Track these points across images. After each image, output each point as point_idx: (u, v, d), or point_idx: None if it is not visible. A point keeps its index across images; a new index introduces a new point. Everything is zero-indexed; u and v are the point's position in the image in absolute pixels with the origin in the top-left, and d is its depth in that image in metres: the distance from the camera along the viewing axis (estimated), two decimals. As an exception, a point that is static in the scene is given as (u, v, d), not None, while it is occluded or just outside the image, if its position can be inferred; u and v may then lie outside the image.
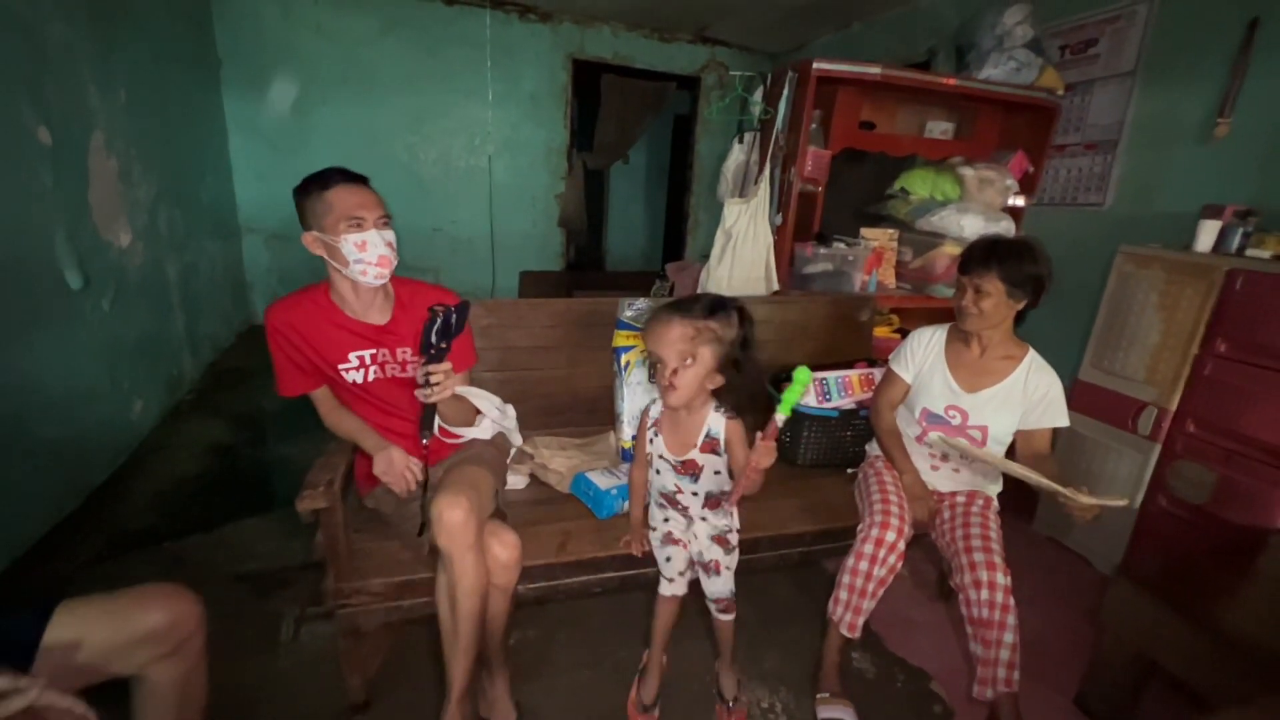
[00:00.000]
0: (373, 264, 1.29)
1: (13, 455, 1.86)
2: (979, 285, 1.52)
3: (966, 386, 1.63)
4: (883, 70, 2.20)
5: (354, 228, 1.26)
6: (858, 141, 2.50)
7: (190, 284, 3.29)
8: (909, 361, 1.73)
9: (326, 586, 1.34)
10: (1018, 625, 1.37)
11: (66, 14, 2.24)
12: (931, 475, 1.70)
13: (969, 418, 1.62)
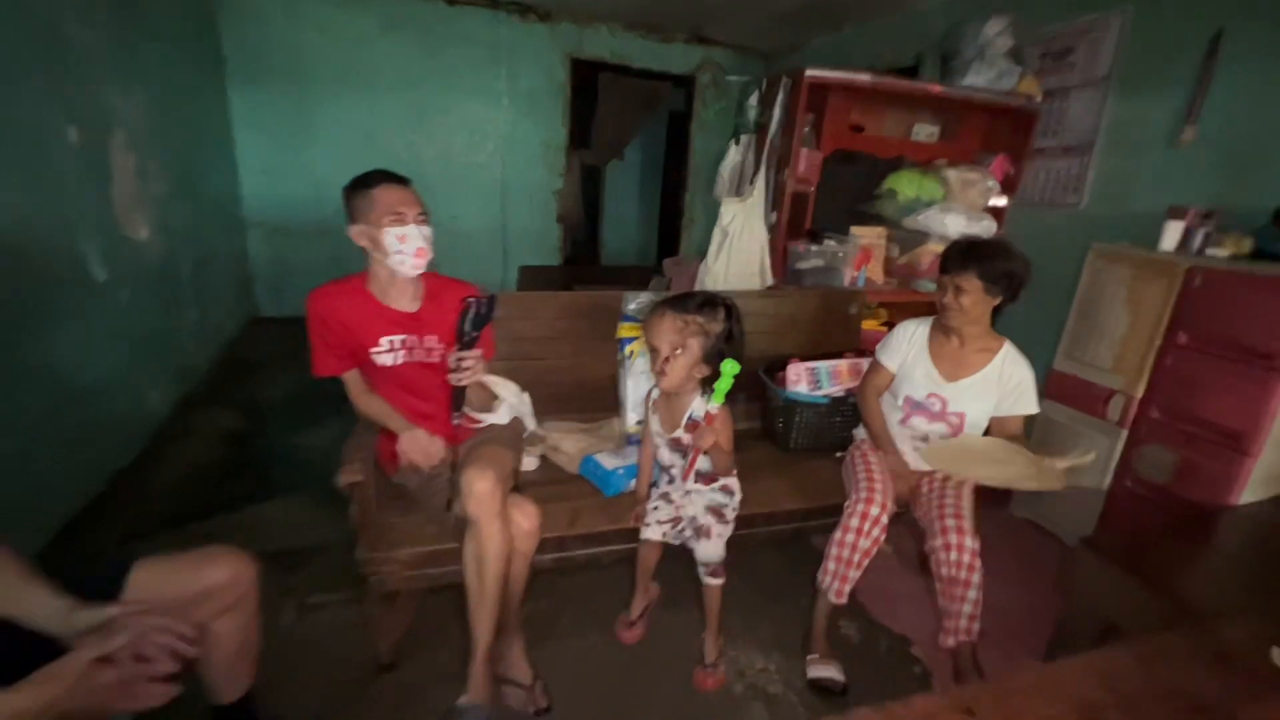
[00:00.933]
0: (411, 255, 1.42)
1: (44, 440, 1.95)
2: (959, 284, 1.65)
3: (947, 376, 1.77)
4: (872, 77, 2.32)
5: (396, 222, 1.39)
6: (848, 144, 2.63)
7: (200, 277, 3.38)
8: (894, 352, 1.87)
9: (357, 555, 1.45)
10: (981, 584, 1.51)
11: (91, 19, 2.32)
12: (913, 455, 1.84)
13: (948, 404, 1.76)
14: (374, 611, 1.53)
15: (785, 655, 1.73)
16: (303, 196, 4.35)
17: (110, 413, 2.36)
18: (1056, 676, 0.80)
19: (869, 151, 2.71)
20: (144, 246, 2.71)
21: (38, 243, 1.98)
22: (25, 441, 1.85)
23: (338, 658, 1.61)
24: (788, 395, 2.06)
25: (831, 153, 2.59)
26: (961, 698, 0.73)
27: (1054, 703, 0.74)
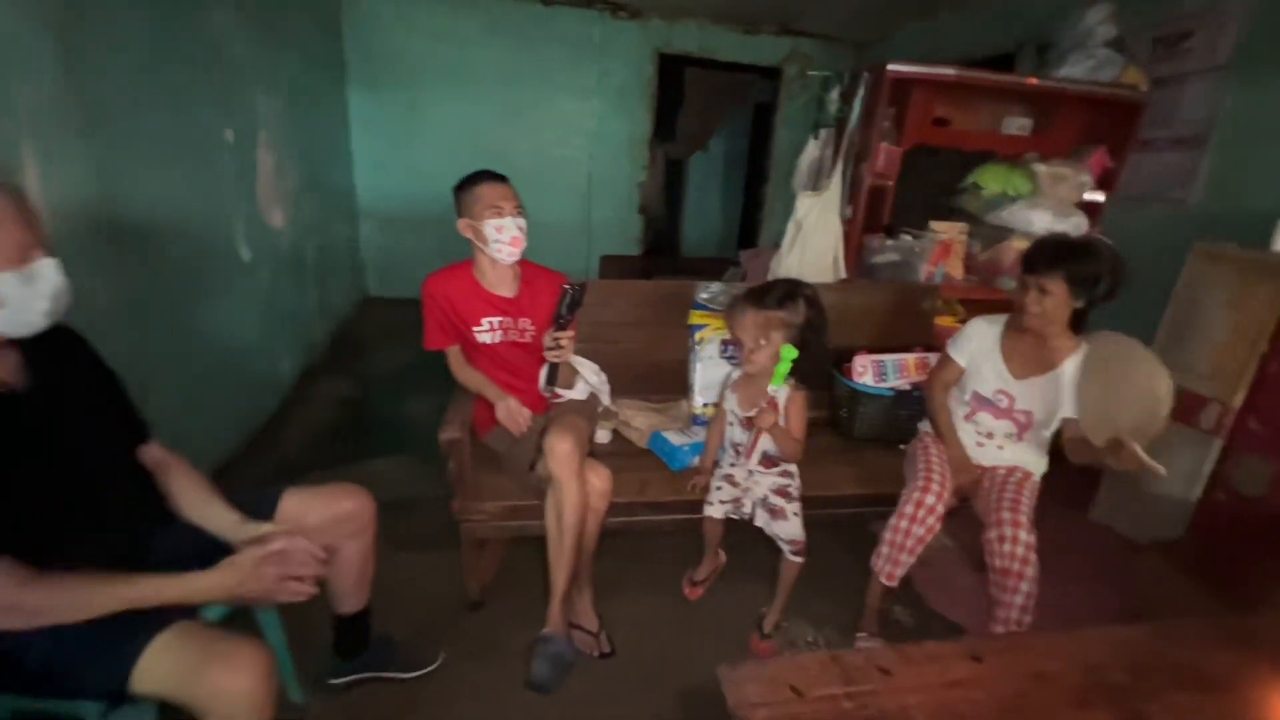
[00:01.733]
0: (506, 243, 1.61)
1: (208, 393, 2.33)
2: (1043, 285, 1.62)
3: (1017, 374, 1.77)
4: (957, 72, 2.30)
5: (495, 214, 1.59)
6: (930, 138, 2.61)
7: (322, 262, 3.80)
8: (965, 347, 1.88)
9: (454, 506, 1.68)
10: (1036, 578, 1.52)
11: (246, 34, 2.69)
12: (976, 450, 1.85)
13: (1015, 402, 1.76)
14: (466, 556, 1.76)
15: (836, 631, 1.81)
16: (409, 190, 4.76)
17: (253, 375, 2.76)
18: (1069, 640, 0.85)
19: (953, 145, 2.67)
20: (279, 234, 3.11)
21: (204, 228, 2.36)
22: (194, 393, 2.22)
23: (435, 594, 1.85)
24: (853, 386, 2.12)
25: (913, 146, 2.58)
26: (971, 646, 0.81)
27: (1060, 660, 0.80)
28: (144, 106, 1.95)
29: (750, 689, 0.72)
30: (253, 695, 0.93)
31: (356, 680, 1.53)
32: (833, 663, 0.77)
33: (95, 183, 1.72)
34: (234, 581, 1.07)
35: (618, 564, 2.01)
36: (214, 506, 1.21)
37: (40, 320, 0.94)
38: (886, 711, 0.70)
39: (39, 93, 1.52)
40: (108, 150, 1.77)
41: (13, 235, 0.88)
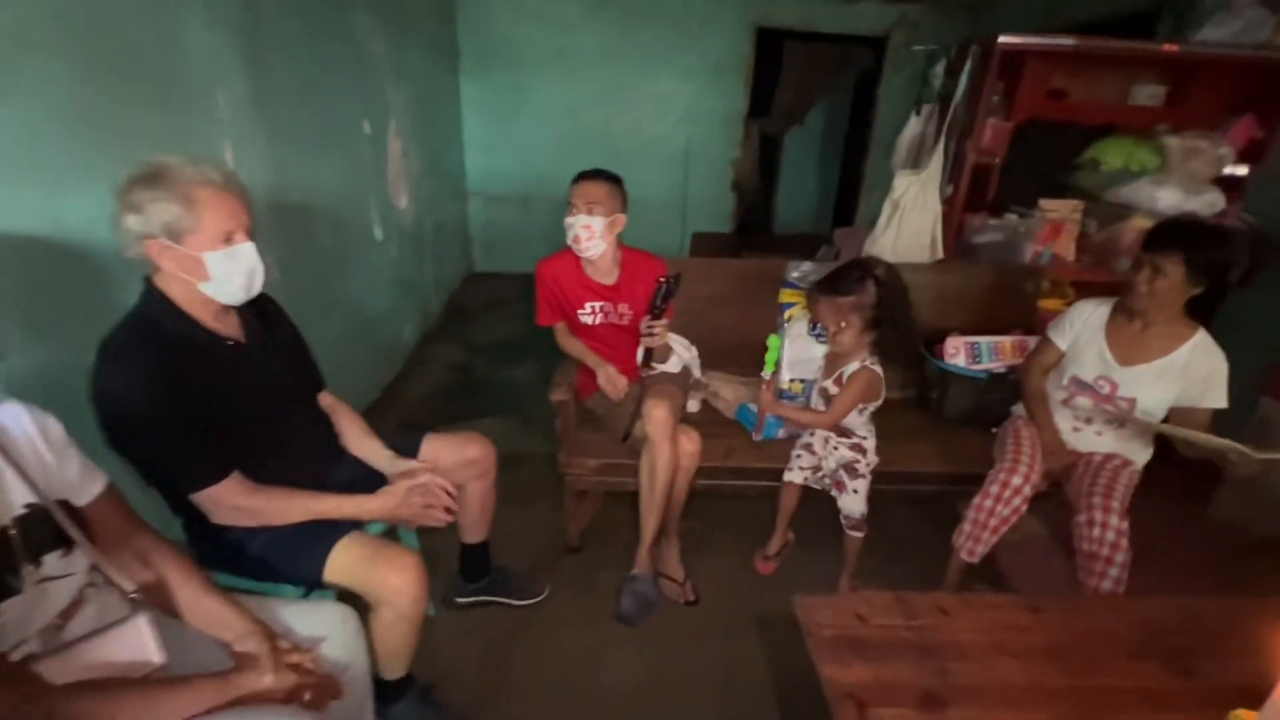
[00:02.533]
0: (570, 239, 1.78)
1: (350, 355, 2.69)
2: (1159, 265, 1.56)
3: (1121, 359, 1.72)
4: (1078, 41, 2.19)
5: (570, 211, 1.77)
6: (1045, 111, 2.49)
7: (437, 238, 4.16)
8: (1066, 330, 1.84)
9: (559, 459, 1.89)
10: (1126, 565, 1.51)
11: (381, 33, 2.99)
12: (1072, 436, 1.82)
13: (1118, 389, 1.71)
14: (567, 505, 1.97)
15: (913, 602, 1.88)
16: (512, 169, 5.04)
17: (383, 340, 3.13)
18: (1134, 603, 0.89)
19: (1071, 119, 2.53)
20: (403, 213, 3.45)
21: (346, 209, 2.70)
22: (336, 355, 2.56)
23: (539, 539, 2.09)
24: (943, 367, 2.12)
25: (1023, 121, 2.47)
26: (1032, 599, 0.88)
27: (1120, 620, 0.85)
28: (303, 104, 2.26)
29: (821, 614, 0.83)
30: (412, 589, 1.17)
31: (477, 602, 1.80)
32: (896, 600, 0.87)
33: (272, 173, 2.04)
34: (391, 505, 1.32)
35: (705, 525, 2.16)
36: (373, 444, 1.47)
37: (240, 292, 1.17)
38: (941, 642, 0.80)
39: (233, 97, 1.83)
40: (279, 144, 2.09)
41: (221, 224, 1.10)
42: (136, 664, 0.87)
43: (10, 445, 0.84)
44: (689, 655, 1.71)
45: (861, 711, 0.71)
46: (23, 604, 0.78)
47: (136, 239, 1.03)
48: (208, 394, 1.12)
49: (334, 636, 1.10)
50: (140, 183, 1.01)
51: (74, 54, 1.28)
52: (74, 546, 0.87)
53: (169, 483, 1.16)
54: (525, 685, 1.62)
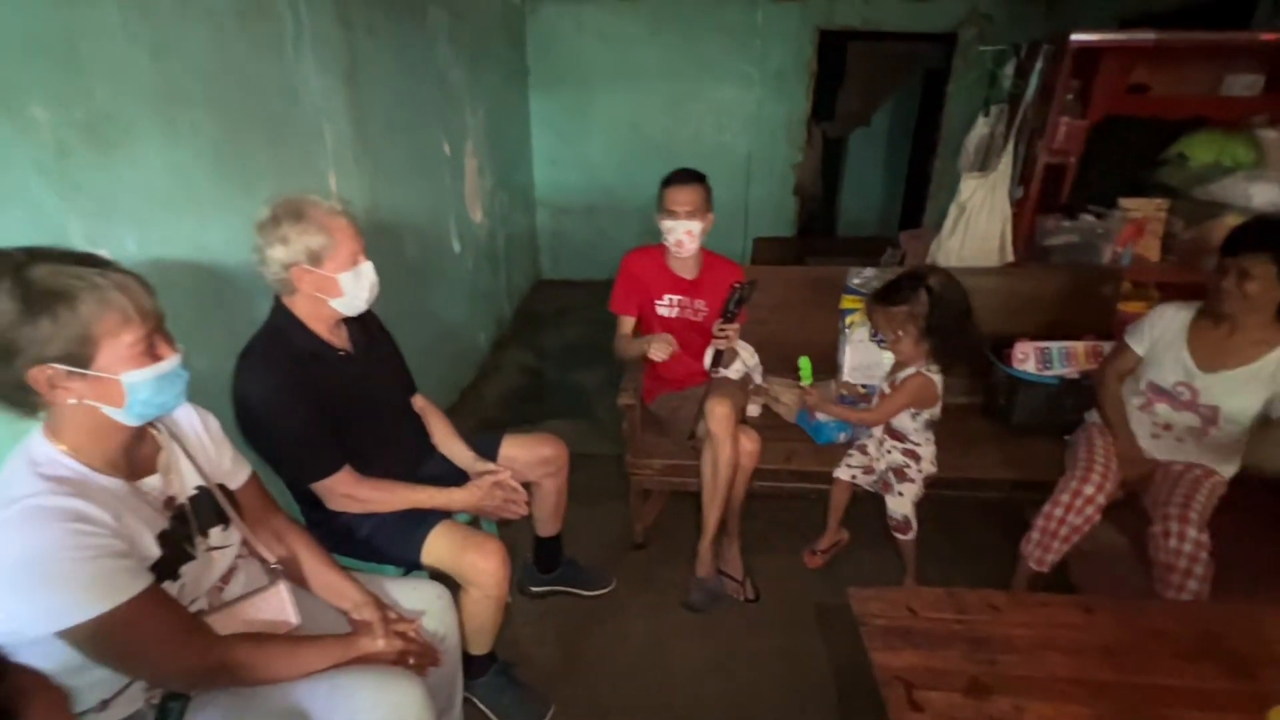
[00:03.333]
0: (672, 244, 1.86)
1: (432, 360, 2.90)
2: (1245, 268, 1.51)
3: (1203, 365, 1.66)
4: (1157, 36, 2.11)
5: (669, 216, 1.84)
6: (1124, 107, 2.40)
7: (508, 248, 4.38)
8: (1145, 335, 1.79)
9: (625, 459, 2.00)
10: (1205, 578, 1.45)
11: (459, 61, 3.22)
12: (1151, 443, 1.77)
13: (1199, 396, 1.66)
14: (633, 503, 2.08)
15: (978, 610, 1.87)
16: (578, 181, 5.23)
17: (461, 346, 3.34)
18: (1193, 608, 0.89)
19: (1152, 115, 2.42)
20: (479, 226, 3.67)
21: (429, 225, 2.92)
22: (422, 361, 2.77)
23: (606, 535, 2.21)
24: (1012, 372, 2.09)
25: (1100, 119, 2.39)
26: (1086, 600, 0.89)
27: (1178, 623, 0.85)
28: (393, 133, 2.48)
29: (873, 604, 0.89)
30: (496, 572, 1.31)
31: (550, 591, 1.93)
32: (948, 596, 0.91)
33: (367, 196, 2.26)
34: (476, 498, 1.46)
35: (766, 525, 2.22)
36: (458, 444, 1.62)
37: (362, 305, 1.36)
38: (991, 635, 0.84)
39: (336, 132, 2.05)
40: (374, 170, 2.31)
41: (349, 247, 1.28)
42: (278, 623, 1.04)
43: (184, 437, 1.02)
44: (749, 645, 1.79)
45: (909, 693, 0.76)
46: (197, 568, 0.96)
47: (283, 266, 1.21)
48: (326, 398, 1.30)
49: (431, 611, 1.25)
50: (286, 218, 1.19)
51: (216, 105, 1.50)
52: (230, 523, 1.04)
53: (293, 473, 1.34)
54: (594, 668, 1.73)
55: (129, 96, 1.25)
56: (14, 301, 0.75)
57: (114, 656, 0.82)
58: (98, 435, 0.87)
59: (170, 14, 1.36)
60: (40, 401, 0.82)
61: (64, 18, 1.11)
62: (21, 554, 0.75)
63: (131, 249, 1.27)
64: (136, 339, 0.84)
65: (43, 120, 1.07)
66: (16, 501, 0.77)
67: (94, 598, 0.77)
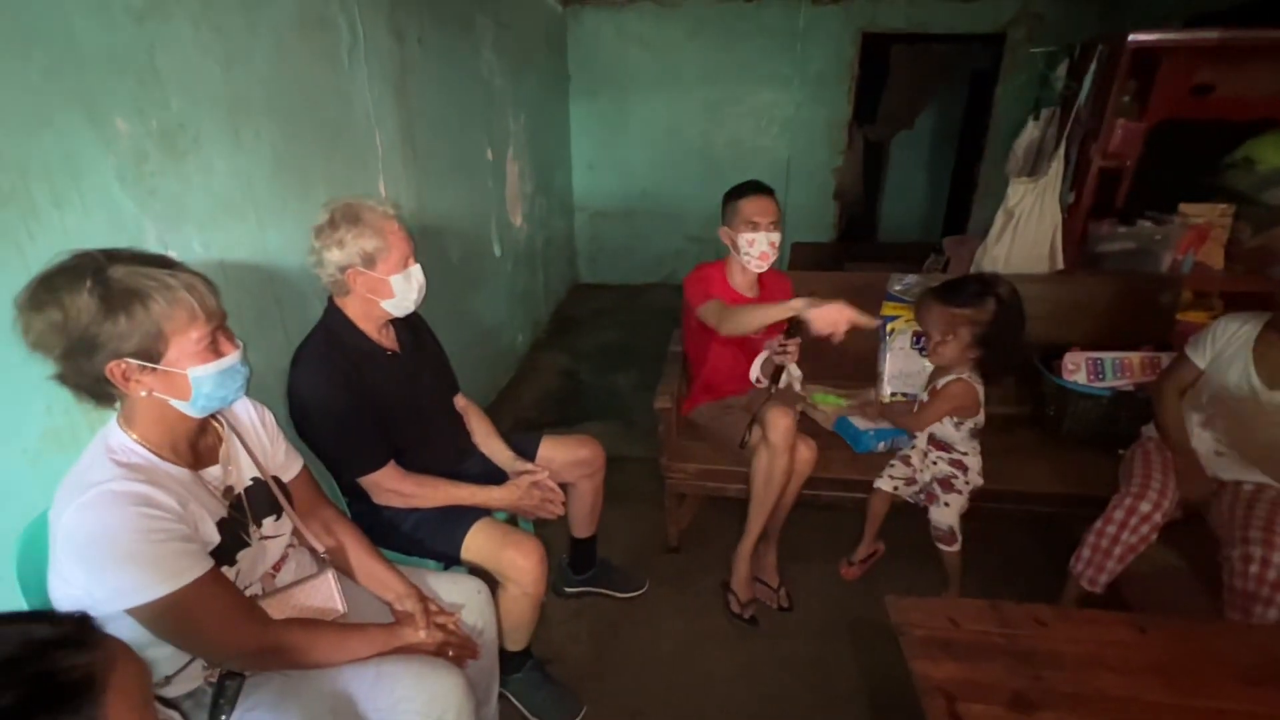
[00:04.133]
0: (756, 257, 1.83)
1: (472, 360, 2.97)
2: None
3: (1269, 381, 1.58)
4: (1222, 34, 2.02)
5: (750, 229, 1.80)
6: (1186, 110, 2.30)
7: (546, 252, 4.44)
8: (1207, 348, 1.72)
9: (661, 462, 2.00)
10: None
11: (503, 70, 3.29)
12: (1214, 460, 1.69)
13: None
14: (668, 507, 2.08)
15: (1023, 627, 1.81)
16: (616, 185, 5.28)
17: (500, 347, 3.41)
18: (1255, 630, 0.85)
19: (1217, 116, 2.31)
20: (519, 230, 3.74)
21: (471, 229, 2.99)
22: (461, 360, 2.84)
23: (641, 538, 2.22)
24: (1061, 383, 2.02)
25: (1160, 121, 2.30)
26: (1138, 619, 0.86)
27: (1236, 644, 0.81)
28: (439, 139, 2.55)
29: (912, 614, 0.87)
30: (534, 570, 1.33)
31: (584, 592, 1.95)
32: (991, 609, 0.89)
33: (414, 200, 2.33)
34: (515, 497, 1.49)
35: (803, 534, 2.19)
36: (498, 444, 1.66)
37: (412, 306, 1.40)
38: (1036, 650, 0.81)
39: (386, 138, 2.12)
40: (421, 175, 2.38)
41: (401, 250, 1.33)
42: (326, 610, 1.08)
43: (242, 430, 1.07)
44: (782, 652, 1.77)
45: (951, 705, 0.75)
46: (251, 555, 1.00)
47: (338, 269, 1.26)
48: (374, 395, 1.35)
49: (470, 605, 1.28)
50: (343, 222, 1.24)
51: (276, 114, 1.57)
52: (282, 513, 1.09)
53: (341, 468, 1.40)
54: (627, 669, 1.74)
55: (200, 106, 1.33)
56: (95, 300, 0.80)
57: (177, 634, 0.87)
58: (166, 426, 0.92)
59: (239, 27, 1.43)
60: (116, 393, 0.88)
61: (146, 33, 1.18)
62: (98, 534, 0.80)
63: (198, 250, 1.34)
64: (202, 335, 0.89)
65: (124, 131, 1.14)
66: (94, 485, 0.82)
67: (161, 578, 0.82)
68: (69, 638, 0.51)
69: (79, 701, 0.48)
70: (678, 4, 4.76)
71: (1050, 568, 1.98)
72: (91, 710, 0.48)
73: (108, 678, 0.50)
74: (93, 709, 0.48)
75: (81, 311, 0.80)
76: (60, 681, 0.48)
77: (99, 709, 0.48)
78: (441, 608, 1.20)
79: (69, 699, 0.48)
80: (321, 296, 1.41)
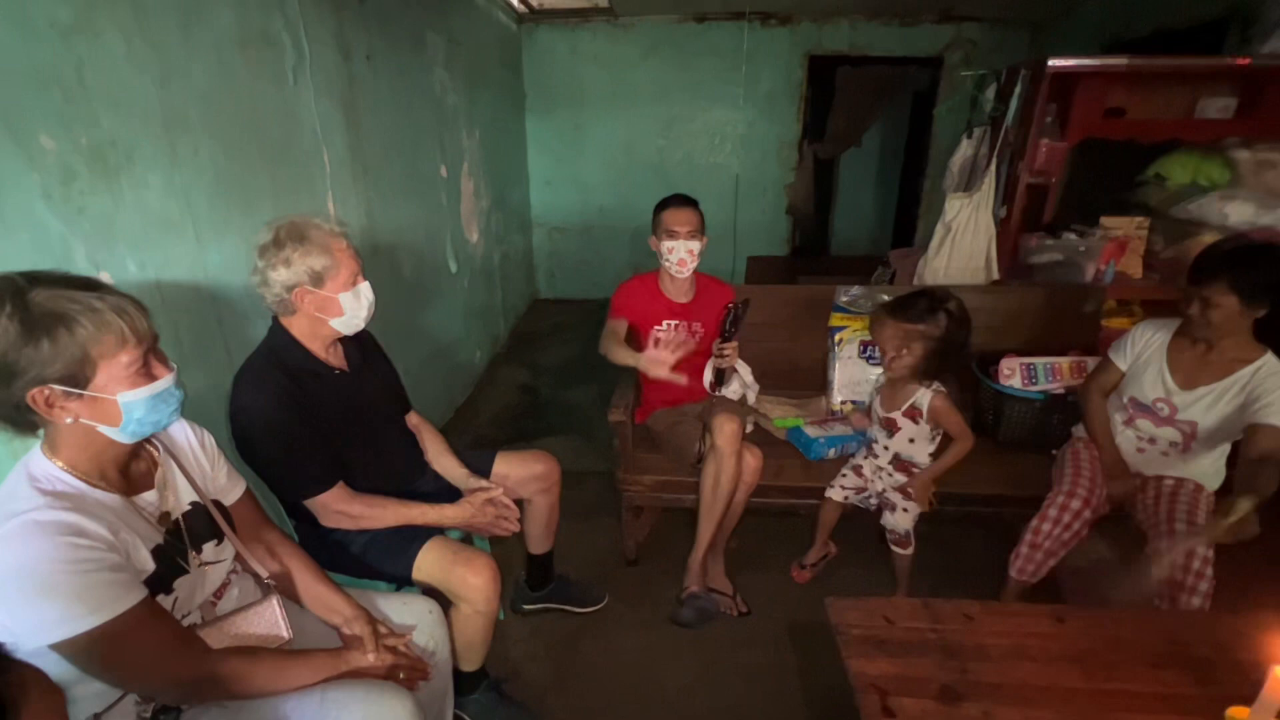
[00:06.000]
0: (674, 263, 1.91)
1: (427, 377, 2.93)
2: (1206, 297, 1.53)
3: (1181, 383, 1.69)
4: (1131, 61, 2.18)
5: (670, 237, 1.88)
6: (1101, 130, 2.46)
7: (504, 268, 4.43)
8: (1127, 352, 1.83)
9: (617, 475, 2.02)
10: (1208, 594, 1.45)
11: (457, 87, 3.29)
12: (1137, 457, 1.79)
13: (1177, 412, 1.69)
14: (625, 520, 2.09)
15: (968, 624, 1.88)
16: (573, 201, 5.31)
17: (457, 363, 3.37)
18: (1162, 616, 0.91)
19: (1129, 136, 2.49)
20: (475, 246, 3.73)
21: (426, 245, 2.96)
22: (417, 378, 2.81)
23: (599, 552, 2.22)
24: (999, 388, 2.12)
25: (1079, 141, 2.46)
26: (1056, 610, 0.92)
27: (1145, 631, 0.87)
28: (390, 156, 2.54)
29: (850, 615, 0.91)
30: (486, 588, 1.32)
31: (542, 608, 1.94)
32: (923, 607, 0.93)
33: (364, 217, 2.31)
34: (467, 515, 1.48)
35: (757, 541, 2.24)
36: (451, 461, 1.65)
37: (361, 324, 1.39)
38: (964, 644, 0.86)
39: (335, 155, 2.10)
40: (371, 192, 2.35)
41: (350, 268, 1.32)
42: (270, 637, 1.05)
43: (179, 454, 1.04)
44: (736, 660, 1.79)
45: (883, 700, 0.78)
46: (190, 582, 0.97)
47: (285, 288, 1.24)
48: (320, 415, 1.32)
49: (422, 626, 1.26)
50: (289, 240, 1.22)
51: (217, 131, 1.55)
52: (224, 538, 1.06)
53: (286, 489, 1.36)
54: (585, 683, 1.73)
55: (133, 123, 1.30)
56: (15, 325, 0.77)
57: (107, 668, 0.83)
58: (94, 452, 0.89)
59: (175, 43, 1.41)
60: (39, 420, 0.84)
61: (74, 48, 1.16)
62: (19, 566, 0.77)
63: (133, 270, 1.30)
64: (133, 359, 0.86)
65: (49, 148, 1.11)
66: (15, 516, 0.79)
67: (88, 610, 0.79)
68: None
69: None
70: (631, 24, 4.85)
71: (993, 565, 2.06)
72: None
73: (19, 705, 0.48)
74: None
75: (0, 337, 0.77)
76: None
77: None
78: (392, 629, 1.18)
79: None
80: (265, 315, 1.38)
